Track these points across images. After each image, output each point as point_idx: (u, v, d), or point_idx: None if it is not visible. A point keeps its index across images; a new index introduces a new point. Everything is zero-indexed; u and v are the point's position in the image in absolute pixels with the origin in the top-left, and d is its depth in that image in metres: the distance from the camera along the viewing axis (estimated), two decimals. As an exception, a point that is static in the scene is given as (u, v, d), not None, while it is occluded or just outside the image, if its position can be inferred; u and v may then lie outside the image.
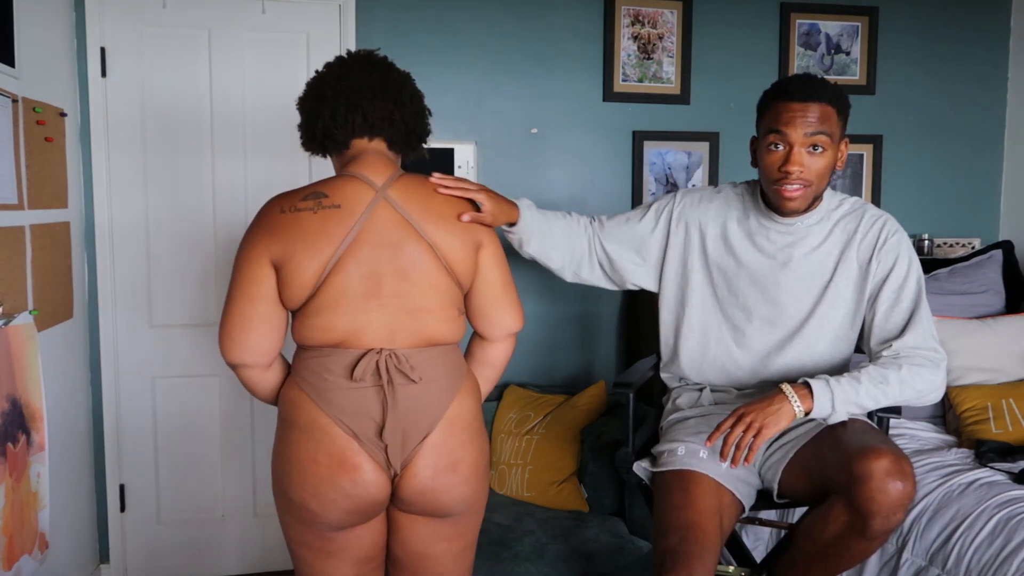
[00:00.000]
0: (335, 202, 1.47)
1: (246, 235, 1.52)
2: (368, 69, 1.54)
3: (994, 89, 3.35)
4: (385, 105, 1.52)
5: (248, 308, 1.49)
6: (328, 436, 1.46)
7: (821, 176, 1.73)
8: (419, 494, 1.50)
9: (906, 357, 1.69)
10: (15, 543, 1.95)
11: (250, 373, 1.54)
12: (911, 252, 1.80)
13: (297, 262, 1.45)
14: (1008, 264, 2.94)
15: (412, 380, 1.47)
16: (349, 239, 1.46)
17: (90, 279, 2.70)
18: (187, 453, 2.83)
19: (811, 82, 1.72)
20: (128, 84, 2.68)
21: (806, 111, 1.69)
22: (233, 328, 1.49)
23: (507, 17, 2.94)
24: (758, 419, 1.61)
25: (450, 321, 1.54)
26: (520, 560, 2.24)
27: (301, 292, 1.47)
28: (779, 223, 1.83)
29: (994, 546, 1.92)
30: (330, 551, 1.54)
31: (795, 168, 1.70)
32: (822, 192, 1.78)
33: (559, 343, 3.07)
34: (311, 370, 1.49)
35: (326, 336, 1.47)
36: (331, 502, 1.47)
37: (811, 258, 1.82)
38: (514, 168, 2.99)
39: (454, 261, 1.52)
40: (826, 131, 1.69)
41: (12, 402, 1.94)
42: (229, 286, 1.52)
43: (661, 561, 1.61)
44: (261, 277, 1.48)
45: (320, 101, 1.53)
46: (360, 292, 1.46)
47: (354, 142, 1.55)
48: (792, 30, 3.15)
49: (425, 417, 1.49)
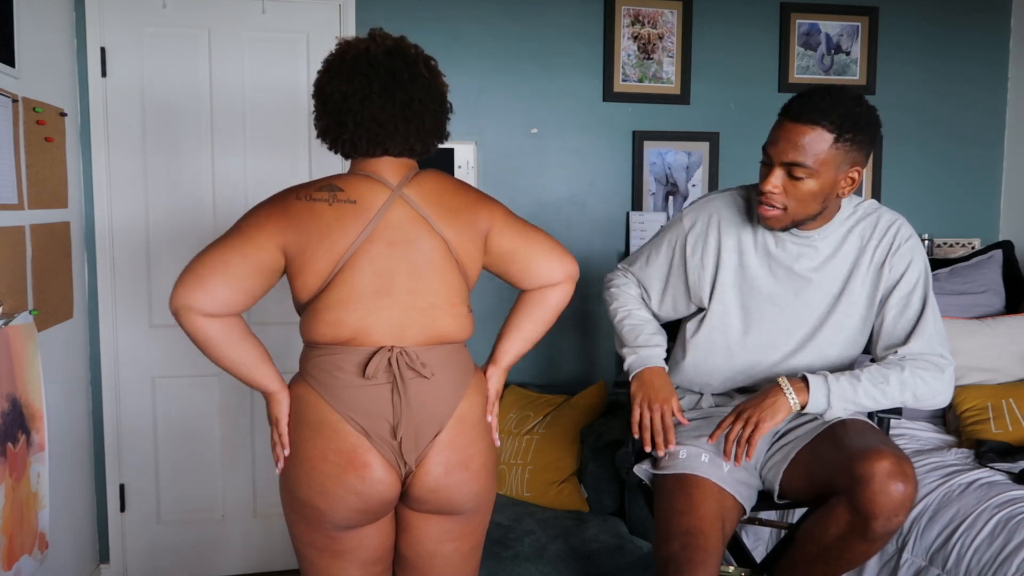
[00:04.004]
0: (351, 197, 1.47)
1: (256, 210, 1.48)
2: (394, 91, 1.47)
3: (994, 89, 3.35)
4: (406, 139, 1.51)
5: (233, 260, 1.42)
6: (338, 434, 1.45)
7: (803, 202, 1.66)
8: (432, 492, 1.50)
9: (911, 361, 1.69)
10: (15, 543, 1.95)
11: (190, 317, 1.43)
12: (923, 257, 1.79)
13: (312, 252, 1.44)
14: (1008, 264, 2.93)
15: (424, 376, 1.47)
16: (364, 235, 1.45)
17: (90, 279, 2.70)
18: (187, 453, 2.83)
19: (814, 101, 1.62)
20: (128, 84, 2.68)
21: (791, 134, 1.62)
22: (203, 268, 1.41)
23: (507, 17, 2.94)
24: (755, 414, 1.63)
25: (459, 318, 1.54)
26: (520, 560, 2.24)
27: (314, 283, 1.46)
28: (794, 235, 1.79)
29: (994, 546, 1.92)
30: (336, 551, 1.53)
31: (767, 188, 1.66)
32: (816, 216, 1.72)
33: (559, 343, 3.07)
34: (321, 368, 1.48)
35: (336, 332, 1.46)
36: (339, 500, 1.46)
37: (826, 267, 1.79)
38: (514, 168, 2.99)
39: (463, 255, 1.53)
40: (802, 162, 1.60)
41: (12, 402, 1.94)
42: (214, 241, 1.44)
43: (663, 567, 1.61)
44: (263, 247, 1.44)
45: (341, 126, 1.49)
46: (372, 289, 1.46)
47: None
48: (792, 30, 3.15)
49: (436, 414, 1.49)
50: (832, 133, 1.60)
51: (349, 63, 1.49)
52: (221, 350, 1.46)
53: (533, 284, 1.63)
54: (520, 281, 1.63)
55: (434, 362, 1.49)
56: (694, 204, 1.95)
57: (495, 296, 2.67)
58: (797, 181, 1.64)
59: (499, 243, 1.58)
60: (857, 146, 1.64)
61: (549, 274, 1.62)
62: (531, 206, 3.00)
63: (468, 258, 1.54)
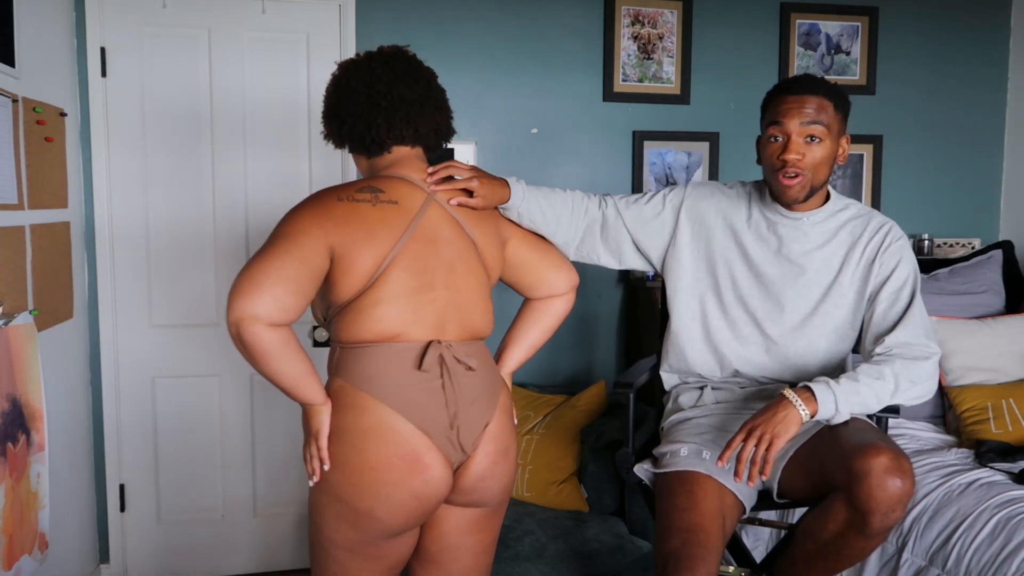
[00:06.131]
0: (392, 198, 1.51)
1: (298, 211, 1.46)
2: (414, 76, 1.57)
3: (994, 89, 3.35)
4: (433, 117, 1.59)
5: (291, 266, 1.38)
6: (401, 436, 1.44)
7: (818, 166, 1.75)
8: (480, 480, 1.54)
9: (898, 353, 1.71)
10: (15, 543, 1.95)
11: (255, 328, 1.35)
12: (912, 258, 1.83)
13: (357, 252, 1.45)
14: (1008, 264, 2.93)
15: (471, 368, 1.51)
16: (408, 234, 1.49)
17: (90, 279, 2.70)
18: (187, 453, 2.83)
19: (808, 78, 1.78)
20: (128, 84, 2.68)
21: (802, 103, 1.73)
22: (263, 276, 1.35)
23: (507, 17, 2.94)
24: (768, 430, 1.59)
25: (487, 313, 1.61)
26: (520, 560, 2.24)
27: (358, 282, 1.45)
28: (786, 216, 1.84)
29: (994, 546, 1.92)
30: (375, 556, 1.52)
31: (792, 156, 1.73)
32: (822, 185, 1.80)
33: (559, 343, 3.07)
34: (370, 366, 1.46)
35: (382, 329, 1.46)
36: (400, 507, 1.45)
37: (816, 256, 1.83)
38: (514, 168, 2.99)
39: (488, 257, 1.62)
40: (822, 121, 1.73)
41: (12, 402, 1.94)
42: (263, 248, 1.41)
43: (664, 563, 1.61)
44: (315, 250, 1.42)
45: (373, 109, 1.54)
46: (415, 286, 1.48)
47: (396, 148, 1.59)
48: (792, 30, 3.15)
49: (484, 406, 1.54)
50: (831, 101, 1.75)
51: (363, 63, 1.57)
52: (277, 362, 1.39)
53: (542, 294, 1.74)
54: (530, 290, 1.75)
55: (474, 355, 1.53)
56: (697, 184, 1.97)
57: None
58: (814, 144, 1.74)
59: (517, 253, 1.72)
60: (844, 116, 1.79)
61: (557, 285, 1.74)
62: (531, 206, 3.01)
63: (492, 261, 1.63)
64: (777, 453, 1.60)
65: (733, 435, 1.66)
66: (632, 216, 1.93)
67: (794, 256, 1.83)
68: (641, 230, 1.93)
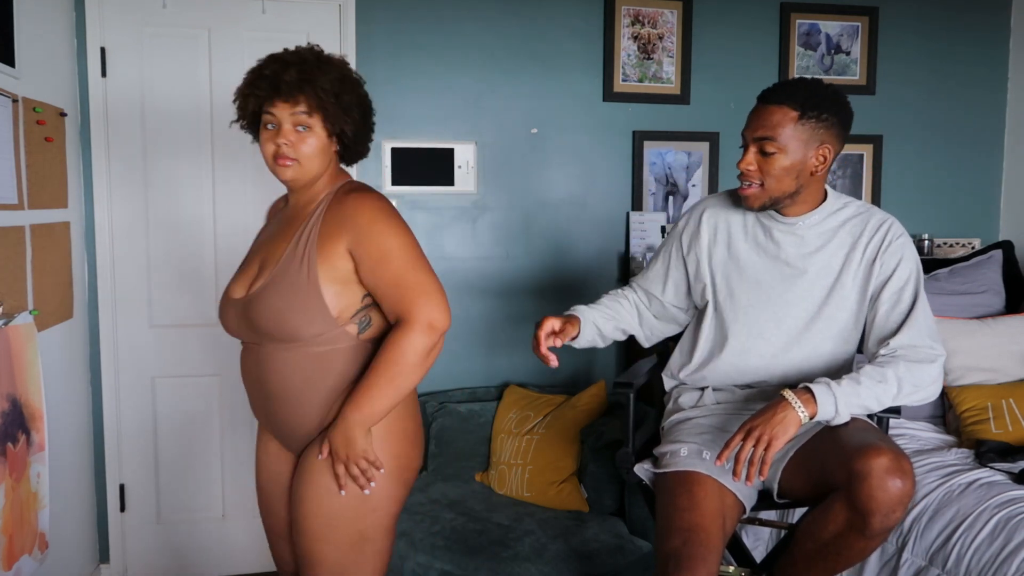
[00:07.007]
0: None
1: (403, 225, 1.55)
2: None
3: (994, 89, 3.35)
4: None
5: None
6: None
7: (776, 178, 1.74)
8: None
9: (902, 355, 1.70)
10: (15, 543, 1.95)
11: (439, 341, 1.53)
12: (914, 255, 1.81)
13: None
14: (1008, 264, 2.93)
15: None
16: None
17: (90, 279, 2.70)
18: (187, 453, 2.83)
19: (784, 84, 1.78)
20: (128, 84, 2.68)
21: (761, 114, 1.75)
22: (441, 290, 1.53)
23: (507, 17, 2.94)
24: (766, 431, 1.58)
25: None
26: (520, 560, 2.24)
27: None
28: (780, 222, 1.83)
29: (994, 546, 1.92)
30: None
31: (742, 165, 1.76)
32: (792, 194, 1.78)
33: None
34: None
35: None
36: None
37: (815, 259, 1.81)
38: (514, 168, 2.99)
39: None
40: (769, 136, 1.72)
41: (12, 402, 1.94)
42: (405, 254, 1.52)
43: (664, 563, 1.61)
44: None
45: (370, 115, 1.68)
46: None
47: None
48: (792, 30, 3.15)
49: None
50: (796, 111, 1.71)
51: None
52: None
53: None
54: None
55: None
56: (686, 217, 2.02)
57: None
58: (769, 156, 1.73)
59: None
60: (824, 125, 1.73)
61: None
62: (531, 206, 3.01)
63: None
64: (775, 454, 1.60)
65: (732, 435, 1.66)
66: (656, 280, 2.02)
67: (793, 260, 1.82)
68: (664, 287, 2.01)
